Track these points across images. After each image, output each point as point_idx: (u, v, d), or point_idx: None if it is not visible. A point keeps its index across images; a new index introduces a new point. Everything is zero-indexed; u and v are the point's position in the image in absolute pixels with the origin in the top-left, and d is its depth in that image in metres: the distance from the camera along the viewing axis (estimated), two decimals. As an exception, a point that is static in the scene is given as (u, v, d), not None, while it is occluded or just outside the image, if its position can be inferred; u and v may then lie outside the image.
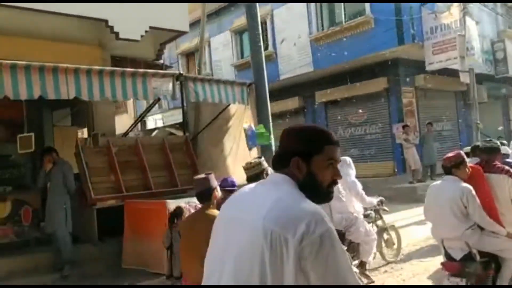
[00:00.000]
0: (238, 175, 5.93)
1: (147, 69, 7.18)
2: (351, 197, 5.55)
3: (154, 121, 23.41)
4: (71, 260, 6.13)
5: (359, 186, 5.60)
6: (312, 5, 14.58)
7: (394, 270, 6.02)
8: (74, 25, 7.04)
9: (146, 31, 7.25)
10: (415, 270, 5.92)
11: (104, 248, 6.59)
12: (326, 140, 1.51)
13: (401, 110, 13.62)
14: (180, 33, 8.07)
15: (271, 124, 7.20)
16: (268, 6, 15.96)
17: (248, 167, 4.02)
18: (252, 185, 1.62)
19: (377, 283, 5.47)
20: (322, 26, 14.64)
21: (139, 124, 23.68)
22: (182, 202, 6.04)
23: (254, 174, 3.89)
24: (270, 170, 3.80)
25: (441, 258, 5.37)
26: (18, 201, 6.80)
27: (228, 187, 4.09)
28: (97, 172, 6.90)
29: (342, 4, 13.96)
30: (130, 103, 22.91)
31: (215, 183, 3.74)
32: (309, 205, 1.39)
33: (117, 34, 6.96)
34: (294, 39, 15.28)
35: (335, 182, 1.54)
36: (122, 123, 22.68)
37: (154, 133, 23.30)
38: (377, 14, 12.82)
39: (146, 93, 5.85)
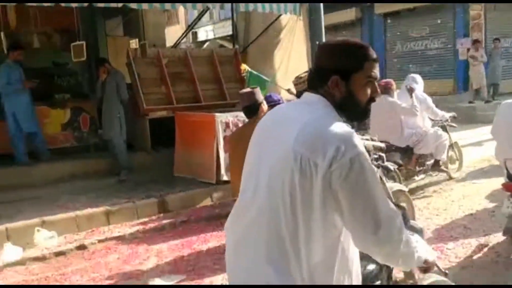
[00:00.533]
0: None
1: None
2: (422, 112, 5.59)
3: (205, 32, 23.11)
4: (127, 166, 6.48)
5: (430, 100, 5.75)
6: None
7: (443, 190, 5.90)
8: None
9: None
10: (466, 191, 5.77)
11: (157, 157, 6.88)
12: (366, 56, 1.41)
13: (467, 23, 12.54)
14: None
15: (323, 37, 6.83)
16: None
17: (297, 82, 3.86)
18: (289, 103, 1.56)
19: (424, 203, 5.40)
20: None
21: (190, 36, 23.56)
22: (230, 116, 6.08)
23: (304, 90, 3.79)
24: (265, 105, 3.71)
25: (496, 181, 5.22)
26: (76, 108, 7.11)
27: (273, 103, 3.96)
28: (148, 83, 7.00)
29: None
30: (181, 14, 22.63)
31: (261, 97, 3.69)
32: (341, 128, 1.31)
33: None
34: None
35: (373, 100, 1.45)
36: (174, 34, 22.60)
37: (205, 45, 23.12)
38: None
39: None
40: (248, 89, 3.74)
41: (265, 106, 3.67)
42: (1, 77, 6.08)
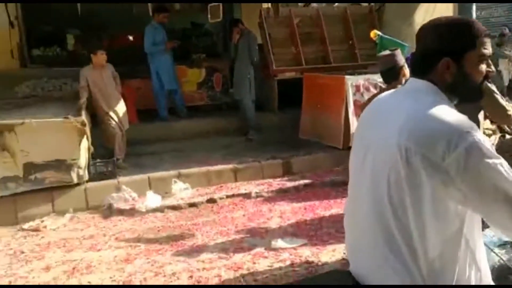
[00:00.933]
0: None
1: None
2: None
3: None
4: (255, 126, 6.66)
5: None
6: None
7: None
8: None
9: None
10: None
11: (283, 118, 6.94)
12: (477, 32, 1.29)
13: None
14: None
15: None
16: None
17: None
18: (395, 91, 1.46)
19: None
20: None
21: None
22: (361, 79, 5.81)
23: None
24: (406, 69, 3.37)
25: None
26: (211, 68, 7.45)
27: None
28: (279, 43, 7.00)
29: None
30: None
31: (402, 60, 3.40)
32: (452, 116, 1.21)
33: None
34: None
35: (487, 77, 1.34)
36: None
37: (335, 4, 22.23)
38: None
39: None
40: (387, 52, 3.45)
41: (406, 69, 3.37)
42: (147, 38, 6.58)
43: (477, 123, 3.23)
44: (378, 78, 5.77)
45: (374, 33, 5.55)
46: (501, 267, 2.10)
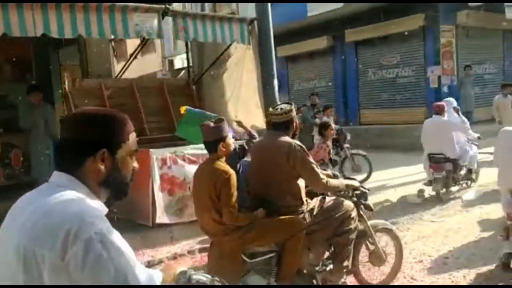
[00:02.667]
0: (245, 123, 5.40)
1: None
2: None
3: (181, 60, 22.79)
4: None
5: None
6: None
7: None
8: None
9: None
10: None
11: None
12: (130, 127, 1.33)
13: (438, 51, 12.34)
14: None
15: (275, 68, 6.42)
16: None
17: (274, 112, 3.47)
18: (38, 189, 1.28)
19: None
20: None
21: (167, 64, 23.29)
22: (168, 152, 5.58)
23: (282, 121, 3.39)
24: (298, 121, 3.53)
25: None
26: (8, 144, 6.55)
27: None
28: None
29: None
30: (158, 42, 22.32)
31: (223, 132, 3.23)
32: (79, 206, 1.12)
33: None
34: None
35: (134, 173, 1.36)
36: (150, 63, 22.26)
37: (181, 73, 22.79)
38: None
39: (127, 31, 5.20)
40: (210, 123, 3.26)
41: (229, 140, 3.25)
42: None
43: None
44: (185, 150, 5.62)
45: (183, 109, 5.38)
46: None
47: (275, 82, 6.38)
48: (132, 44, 7.85)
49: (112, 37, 5.18)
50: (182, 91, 7.47)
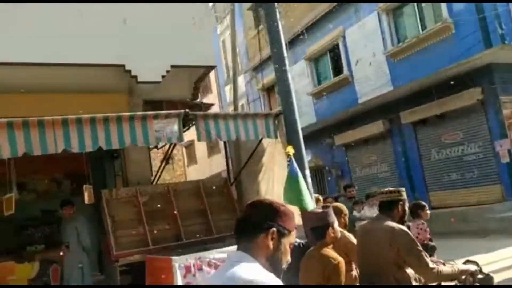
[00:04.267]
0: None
1: (184, 109, 6.78)
2: None
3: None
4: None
5: None
6: (384, 18, 13.24)
7: None
8: (97, 75, 6.91)
9: (167, 71, 6.87)
10: None
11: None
12: (294, 223, 1.67)
13: (502, 123, 11.41)
14: (209, 68, 7.56)
15: (305, 158, 6.16)
16: (340, 27, 14.98)
17: (384, 191, 3.47)
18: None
19: None
20: (398, 39, 13.17)
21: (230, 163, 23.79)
22: (191, 258, 5.29)
23: (390, 200, 3.35)
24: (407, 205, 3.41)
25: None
26: (46, 260, 6.65)
27: None
28: (123, 225, 6.51)
29: (416, 11, 12.44)
30: (221, 143, 23.20)
31: (330, 218, 3.19)
32: (265, 276, 1.46)
33: (135, 77, 6.68)
34: (369, 58, 14.00)
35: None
36: (217, 163, 22.95)
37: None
38: (457, 16, 11.09)
39: (147, 138, 5.31)
40: (314, 209, 3.32)
41: (336, 228, 3.18)
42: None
43: None
44: (210, 255, 5.32)
45: (289, 149, 5.18)
46: None
47: (307, 173, 6.06)
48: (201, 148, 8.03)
49: (132, 144, 5.27)
50: (219, 191, 7.36)
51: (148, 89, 7.55)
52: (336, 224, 3.17)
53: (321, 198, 6.64)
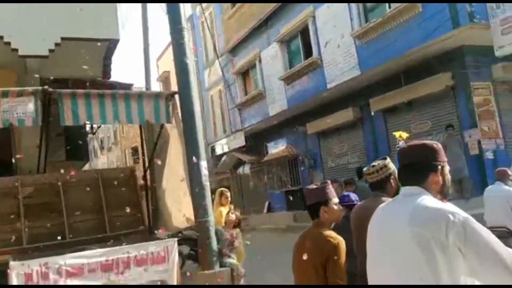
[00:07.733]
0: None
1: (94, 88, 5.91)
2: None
3: (221, 146, 22.35)
4: None
5: None
6: (352, -4, 12.19)
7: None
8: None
9: (57, 44, 5.97)
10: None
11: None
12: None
13: (472, 112, 10.41)
14: (112, 42, 6.63)
15: (201, 146, 5.25)
16: (310, 7, 13.94)
17: (371, 171, 3.24)
18: (391, 201, 1.97)
19: None
20: (366, 19, 12.12)
21: (209, 151, 22.95)
22: (35, 264, 4.41)
23: (380, 179, 3.16)
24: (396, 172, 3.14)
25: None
26: None
27: (351, 203, 4.01)
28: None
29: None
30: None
31: (326, 195, 2.97)
32: (444, 205, 1.69)
33: (16, 50, 5.80)
34: (337, 39, 12.99)
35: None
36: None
37: (223, 159, 22.23)
38: (423, -6, 10.04)
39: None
40: (313, 186, 3.08)
41: (333, 206, 2.96)
42: None
43: None
44: (61, 260, 4.45)
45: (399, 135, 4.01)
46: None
47: (203, 164, 5.17)
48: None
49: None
50: (123, 183, 6.48)
51: (49, 66, 6.67)
52: (332, 203, 2.95)
53: None
